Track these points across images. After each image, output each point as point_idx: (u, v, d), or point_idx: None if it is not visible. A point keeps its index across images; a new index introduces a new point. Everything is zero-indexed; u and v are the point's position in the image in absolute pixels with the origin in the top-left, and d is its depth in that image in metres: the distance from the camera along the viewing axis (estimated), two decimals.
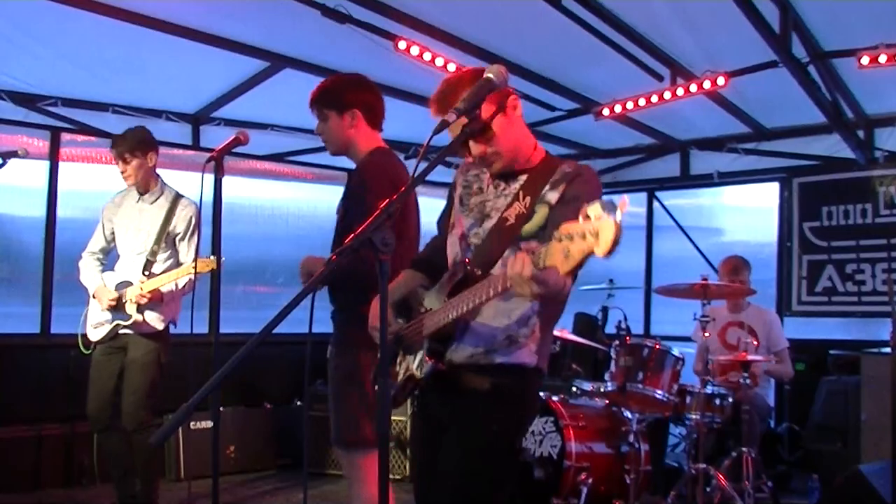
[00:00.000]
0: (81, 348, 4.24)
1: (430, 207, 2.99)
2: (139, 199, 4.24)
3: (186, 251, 4.21)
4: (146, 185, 4.22)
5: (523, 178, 2.28)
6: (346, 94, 3.02)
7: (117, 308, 4.14)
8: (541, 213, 2.17)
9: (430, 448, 2.34)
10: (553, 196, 2.18)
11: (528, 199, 2.21)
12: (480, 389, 2.22)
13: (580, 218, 1.61)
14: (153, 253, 4.16)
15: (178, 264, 4.19)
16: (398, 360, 2.36)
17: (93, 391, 4.17)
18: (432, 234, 2.57)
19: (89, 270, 4.31)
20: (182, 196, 4.28)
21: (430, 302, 2.27)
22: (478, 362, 2.23)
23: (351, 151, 3.07)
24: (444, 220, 2.51)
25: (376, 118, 3.07)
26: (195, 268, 3.97)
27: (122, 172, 4.18)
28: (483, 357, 2.22)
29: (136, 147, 4.12)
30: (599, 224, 1.57)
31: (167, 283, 4.09)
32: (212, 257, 3.88)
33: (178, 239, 4.21)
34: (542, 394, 4.61)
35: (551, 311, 2.29)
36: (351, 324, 2.89)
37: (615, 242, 1.55)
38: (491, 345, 2.22)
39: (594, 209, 1.58)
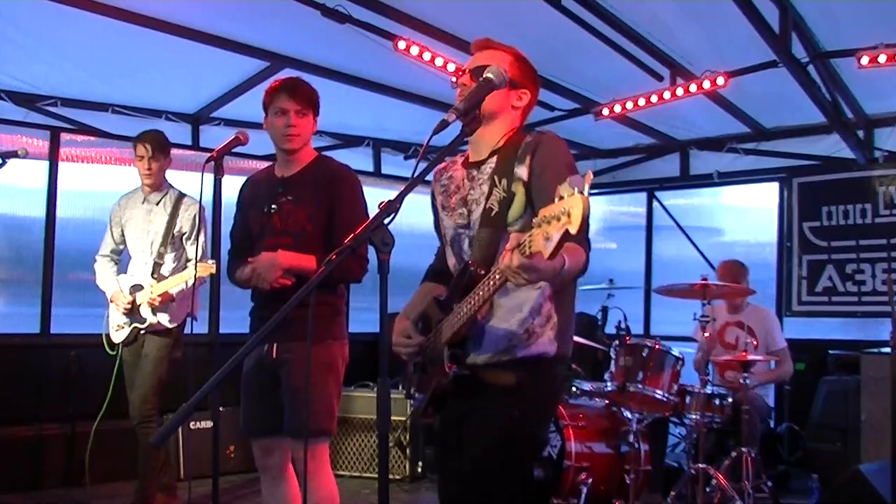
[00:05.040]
0: (107, 349, 4.32)
1: (429, 207, 2.99)
2: (144, 199, 4.28)
3: (193, 250, 4.25)
4: (158, 186, 4.28)
5: (493, 159, 2.31)
6: (318, 104, 3.16)
7: (132, 311, 4.22)
8: (519, 194, 2.21)
9: (450, 444, 2.35)
10: (523, 171, 2.21)
11: (504, 180, 2.24)
12: (500, 384, 2.23)
13: (555, 199, 1.67)
14: (160, 255, 4.22)
15: (185, 263, 4.26)
16: (426, 373, 2.37)
17: (129, 390, 4.28)
18: (424, 236, 2.58)
19: (105, 273, 4.38)
20: (185, 195, 4.31)
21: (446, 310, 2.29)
22: (499, 360, 2.24)
23: (300, 153, 3.12)
24: (439, 230, 2.54)
25: None
26: (195, 271, 4.00)
27: (147, 170, 4.21)
28: (504, 355, 2.24)
29: (161, 149, 4.22)
30: (570, 202, 1.64)
31: (175, 286, 4.14)
32: (211, 261, 3.94)
33: (184, 238, 4.25)
34: None
35: (561, 292, 2.30)
36: (324, 317, 2.98)
37: (584, 217, 1.63)
38: (510, 342, 2.24)
39: (564, 188, 1.66)
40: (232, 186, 3.35)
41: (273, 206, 3.08)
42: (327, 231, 3.03)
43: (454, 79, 2.38)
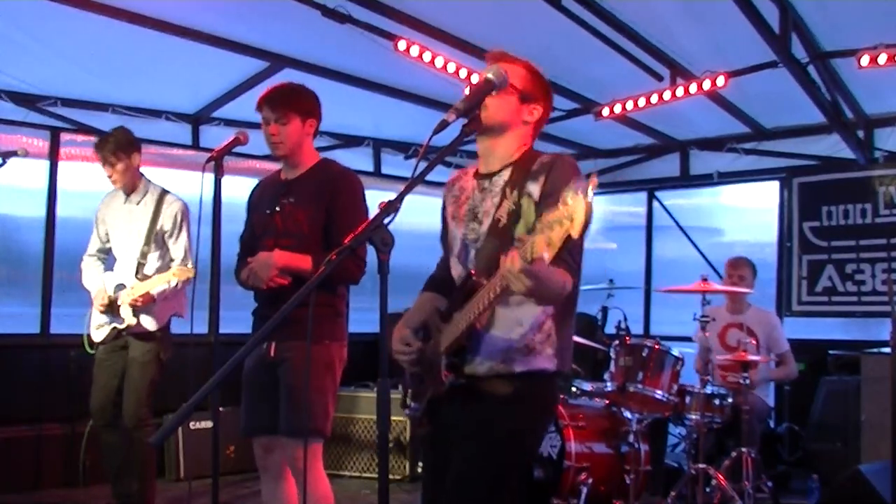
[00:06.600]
0: (87, 348, 4.27)
1: (430, 207, 3.01)
2: (126, 200, 4.26)
3: (176, 248, 4.22)
4: (132, 186, 4.24)
5: (506, 172, 2.30)
6: (311, 104, 3.17)
7: (112, 311, 4.17)
8: (528, 209, 2.20)
9: (439, 451, 2.35)
10: (535, 189, 2.21)
11: (514, 193, 2.23)
12: (498, 394, 2.23)
13: (559, 206, 1.66)
14: (143, 255, 4.18)
15: (169, 262, 4.21)
16: (423, 382, 2.36)
17: (95, 390, 4.22)
18: (424, 236, 2.58)
19: (90, 272, 4.35)
20: (167, 193, 4.28)
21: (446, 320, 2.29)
22: (498, 373, 2.23)
23: (296, 158, 3.15)
24: (444, 240, 2.53)
25: (316, 132, 3.23)
26: (175, 274, 4.04)
27: (109, 176, 4.20)
28: (502, 367, 2.23)
29: (119, 149, 4.12)
30: (574, 206, 1.63)
31: (155, 286, 4.09)
32: (189, 265, 4.04)
33: (166, 236, 4.22)
34: None
35: (563, 311, 2.30)
36: (323, 317, 3.01)
37: (587, 221, 1.62)
38: (509, 354, 2.23)
39: (569, 194, 1.65)
40: (232, 187, 3.36)
41: (275, 208, 3.12)
42: (326, 233, 3.06)
43: (467, 91, 2.36)
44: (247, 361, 3.10)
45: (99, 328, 4.23)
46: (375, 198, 2.07)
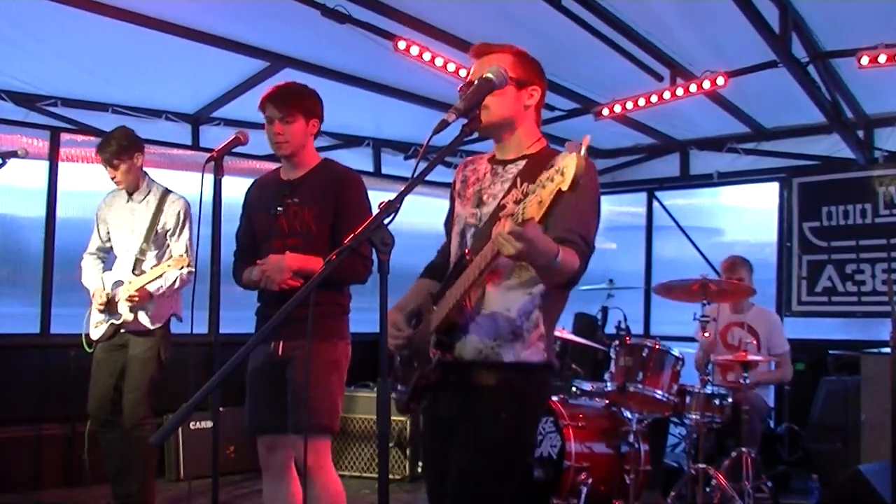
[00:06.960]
0: (85, 347, 4.27)
1: (430, 207, 3.02)
2: (129, 199, 4.27)
3: (178, 246, 4.22)
4: (135, 185, 4.24)
5: (522, 163, 2.31)
6: (315, 103, 3.19)
7: (110, 308, 4.17)
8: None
9: (439, 448, 2.35)
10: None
11: (525, 184, 2.23)
12: (490, 386, 2.23)
13: (552, 167, 1.68)
14: (142, 251, 4.18)
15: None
16: (412, 366, 2.36)
17: (93, 388, 4.21)
18: (424, 236, 2.58)
19: (89, 271, 4.35)
20: (170, 192, 4.29)
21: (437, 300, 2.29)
22: (487, 358, 2.23)
23: (298, 157, 3.16)
24: (449, 224, 2.53)
25: (318, 133, 3.25)
26: (170, 265, 4.05)
27: (113, 178, 4.20)
28: (491, 353, 2.23)
29: (121, 151, 4.13)
30: (565, 162, 1.64)
31: (151, 279, 4.09)
32: (184, 255, 4.08)
33: (168, 235, 4.22)
34: None
35: (552, 304, 2.29)
36: (332, 316, 3.05)
37: (577, 175, 1.62)
38: (496, 338, 2.23)
39: (561, 154, 1.66)
40: (232, 187, 3.35)
41: (279, 209, 3.12)
42: (333, 232, 3.07)
43: (459, 89, 2.37)
44: (251, 361, 3.11)
45: (97, 326, 4.22)
46: (375, 198, 2.07)
